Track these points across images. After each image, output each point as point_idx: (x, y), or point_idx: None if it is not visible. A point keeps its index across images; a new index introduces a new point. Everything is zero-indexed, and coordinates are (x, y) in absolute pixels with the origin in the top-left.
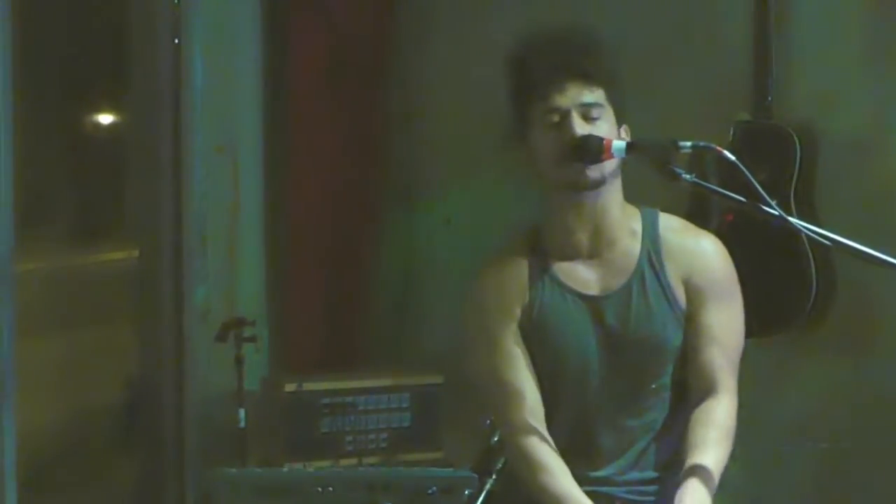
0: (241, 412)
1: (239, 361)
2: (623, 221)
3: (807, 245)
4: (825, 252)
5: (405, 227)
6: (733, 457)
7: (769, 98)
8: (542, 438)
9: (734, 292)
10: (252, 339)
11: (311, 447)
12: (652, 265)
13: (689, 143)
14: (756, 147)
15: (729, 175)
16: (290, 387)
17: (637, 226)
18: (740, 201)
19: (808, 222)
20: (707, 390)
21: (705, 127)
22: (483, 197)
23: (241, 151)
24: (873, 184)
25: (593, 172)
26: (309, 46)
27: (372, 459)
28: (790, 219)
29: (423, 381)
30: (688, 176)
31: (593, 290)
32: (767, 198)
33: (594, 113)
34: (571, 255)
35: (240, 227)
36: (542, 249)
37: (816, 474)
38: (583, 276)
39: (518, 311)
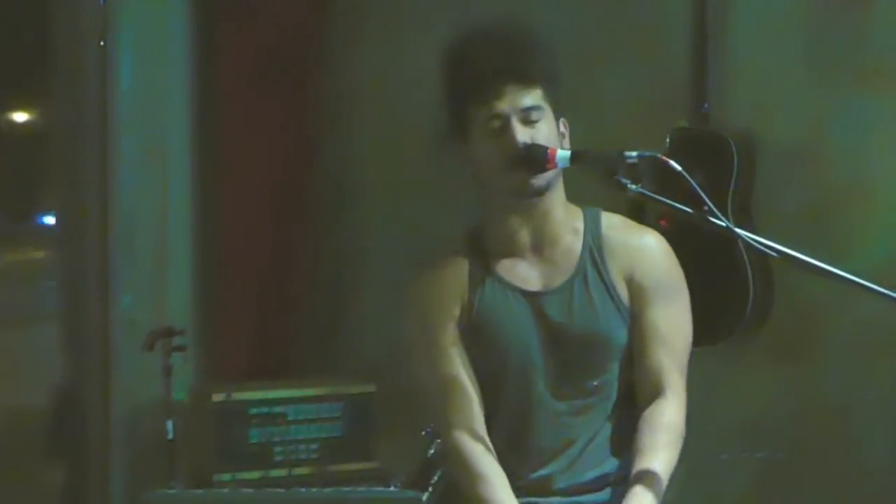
0: (169, 424)
1: (167, 371)
2: (565, 221)
3: (744, 253)
4: (763, 260)
5: (338, 230)
6: (680, 460)
7: (706, 105)
8: (482, 443)
9: (680, 290)
10: (181, 349)
11: (240, 458)
12: (595, 262)
13: (635, 153)
14: (693, 154)
15: (668, 183)
16: (218, 396)
17: (579, 224)
18: (688, 212)
19: (744, 230)
20: (655, 392)
21: (641, 134)
22: (417, 199)
23: (169, 154)
24: (811, 192)
25: (537, 181)
26: (238, 46)
27: (303, 470)
28: (738, 230)
29: (356, 390)
30: (634, 187)
31: (535, 286)
32: (714, 209)
33: (534, 116)
34: (513, 253)
35: (168, 232)
36: (482, 249)
37: (754, 484)
38: (524, 274)
39: (457, 312)
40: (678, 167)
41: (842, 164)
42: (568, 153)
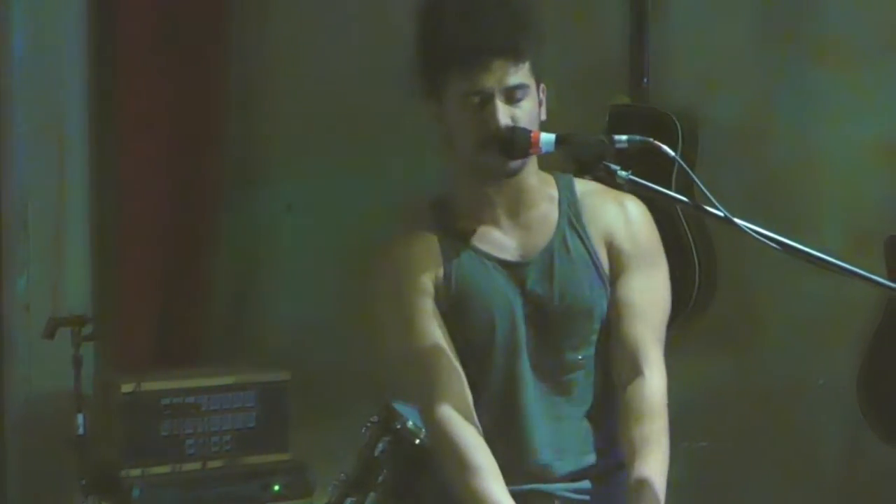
0: (80, 417)
1: (77, 362)
2: (540, 188)
3: (690, 238)
4: (706, 241)
5: (245, 212)
6: None
7: (646, 80)
8: (472, 426)
9: (659, 257)
10: (92, 338)
11: (150, 451)
12: (573, 227)
13: (625, 138)
14: (633, 133)
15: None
16: (127, 387)
17: (553, 191)
18: (683, 202)
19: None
20: (634, 367)
21: (578, 110)
22: (327, 181)
23: (66, 128)
24: (758, 171)
25: (515, 163)
26: (139, 16)
27: (216, 463)
28: (736, 220)
29: (269, 378)
30: (623, 173)
31: (513, 256)
32: (711, 197)
33: (519, 94)
34: (486, 220)
35: (66, 212)
36: (452, 217)
37: (695, 474)
38: (500, 242)
39: (432, 288)
40: (672, 152)
41: (789, 142)
42: (552, 137)
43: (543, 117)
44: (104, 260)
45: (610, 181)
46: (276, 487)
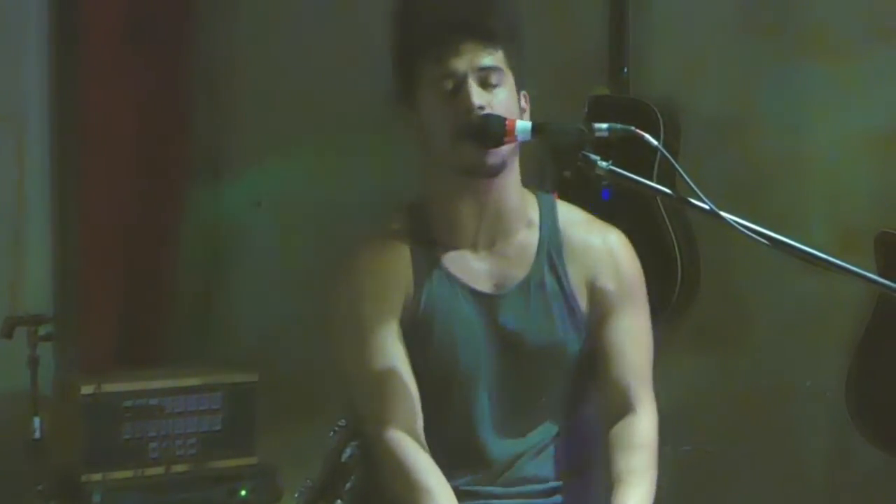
0: (36, 421)
1: (34, 363)
2: (520, 209)
3: (672, 234)
4: (688, 235)
5: (211, 209)
6: None
7: (626, 70)
8: (422, 447)
9: (643, 294)
10: (49, 338)
11: (112, 456)
12: (552, 264)
13: (605, 126)
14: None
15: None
16: (87, 388)
17: (534, 215)
18: (667, 193)
19: (668, 205)
20: (623, 408)
21: (555, 100)
22: (296, 176)
23: (26, 123)
24: (741, 164)
25: (492, 158)
26: (103, 6)
27: (180, 467)
28: (723, 214)
29: (236, 380)
30: (604, 163)
31: (487, 286)
32: (697, 189)
33: (493, 79)
34: (461, 244)
35: (25, 208)
36: (425, 234)
37: (677, 479)
38: (475, 270)
39: (399, 305)
40: (655, 142)
41: (774, 134)
42: (529, 125)
43: (524, 105)
44: (65, 257)
45: (589, 172)
46: (243, 492)
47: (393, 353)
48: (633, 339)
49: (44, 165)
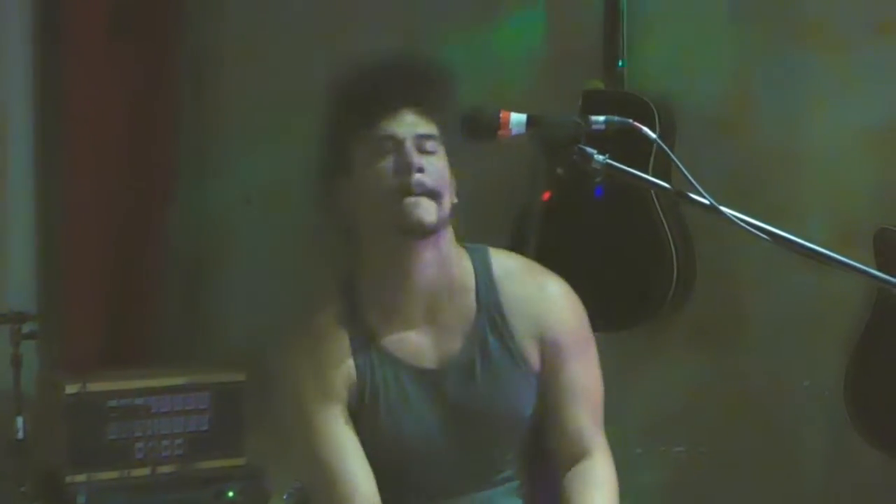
0: (19, 420)
1: (16, 362)
2: (458, 275)
3: (667, 230)
4: (683, 233)
5: (199, 206)
6: None
7: (621, 64)
8: None
9: (590, 339)
10: (32, 336)
11: (97, 456)
12: (495, 325)
13: (602, 118)
14: None
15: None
16: (72, 388)
17: (469, 278)
18: (666, 188)
19: (666, 200)
20: (579, 454)
21: (550, 94)
22: (286, 173)
23: (10, 119)
24: (737, 160)
25: (428, 215)
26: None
27: (166, 468)
28: (722, 209)
29: (224, 379)
30: (601, 157)
31: (430, 362)
32: (696, 184)
33: (429, 146)
34: (399, 319)
35: (9, 205)
36: (362, 312)
37: (671, 481)
38: (416, 346)
39: (344, 392)
40: (653, 135)
41: (771, 129)
42: (524, 117)
43: (455, 200)
44: (49, 253)
45: (585, 166)
46: (231, 494)
47: (344, 446)
48: (584, 384)
49: (28, 161)
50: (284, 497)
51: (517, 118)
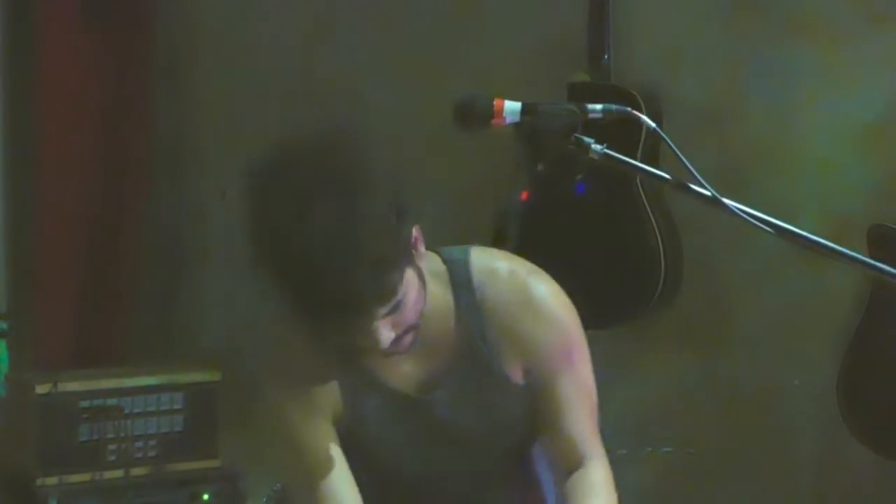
0: None
1: None
2: (436, 304)
3: (654, 225)
4: (670, 228)
5: (173, 198)
6: None
7: (606, 56)
8: None
9: (580, 342)
10: (2, 335)
11: (68, 458)
12: (479, 342)
13: (599, 107)
14: None
15: None
16: (42, 388)
17: (448, 301)
18: (665, 178)
19: (653, 196)
20: (576, 461)
21: (534, 87)
22: None
23: None
24: (727, 154)
25: (400, 348)
26: None
27: (140, 470)
28: (724, 200)
29: (198, 379)
30: (598, 147)
31: (414, 386)
32: (697, 175)
33: (396, 308)
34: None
35: None
36: None
37: (658, 483)
38: (400, 370)
39: (330, 412)
40: (652, 124)
41: (761, 123)
42: (518, 105)
43: (423, 250)
44: (19, 250)
45: (581, 156)
46: (206, 497)
47: (331, 466)
48: (577, 391)
49: None
50: (263, 500)
51: (512, 106)
